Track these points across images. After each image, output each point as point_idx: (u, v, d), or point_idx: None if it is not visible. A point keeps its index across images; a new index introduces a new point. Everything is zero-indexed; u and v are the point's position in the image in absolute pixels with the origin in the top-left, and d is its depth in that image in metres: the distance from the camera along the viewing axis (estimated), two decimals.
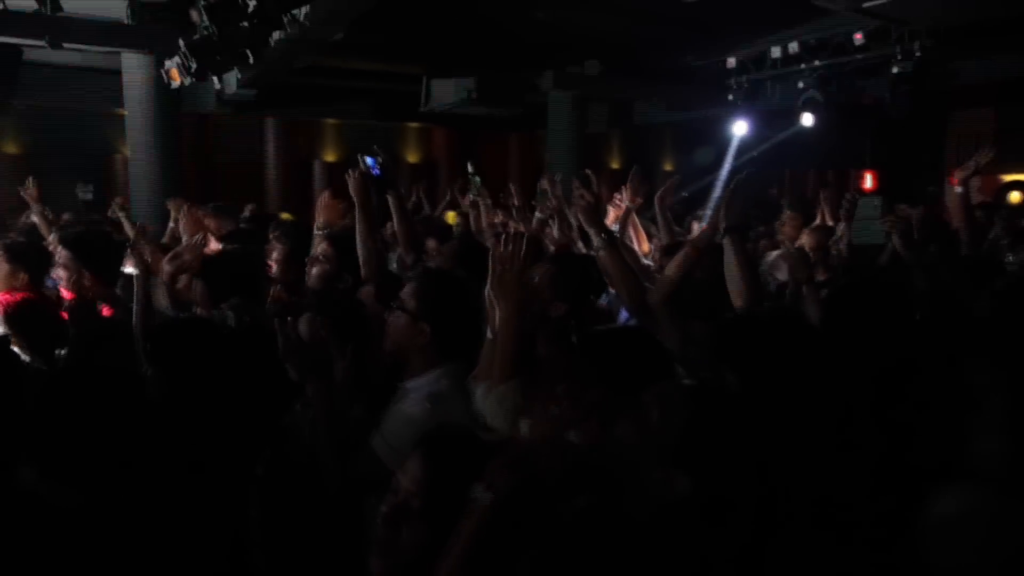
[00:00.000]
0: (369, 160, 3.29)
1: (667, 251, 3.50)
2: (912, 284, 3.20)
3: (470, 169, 5.70)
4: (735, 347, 2.00)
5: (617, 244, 2.59)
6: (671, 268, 2.43)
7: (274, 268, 4.76)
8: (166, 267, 3.37)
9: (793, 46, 8.34)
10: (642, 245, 4.29)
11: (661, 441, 1.25)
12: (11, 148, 9.73)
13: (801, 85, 8.58)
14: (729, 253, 2.44)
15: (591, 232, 2.59)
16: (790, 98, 8.82)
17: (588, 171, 2.62)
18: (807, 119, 8.58)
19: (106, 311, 2.86)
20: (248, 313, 2.51)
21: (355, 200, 3.08)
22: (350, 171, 3.15)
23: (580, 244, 3.71)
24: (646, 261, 3.90)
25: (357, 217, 3.09)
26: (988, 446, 1.50)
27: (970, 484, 1.51)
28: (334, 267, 2.80)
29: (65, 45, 6.94)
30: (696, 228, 5.48)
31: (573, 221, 3.92)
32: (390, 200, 3.46)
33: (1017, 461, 1.47)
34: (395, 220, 3.45)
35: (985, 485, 1.49)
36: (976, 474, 1.51)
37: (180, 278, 3.44)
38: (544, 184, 6.10)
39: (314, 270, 2.81)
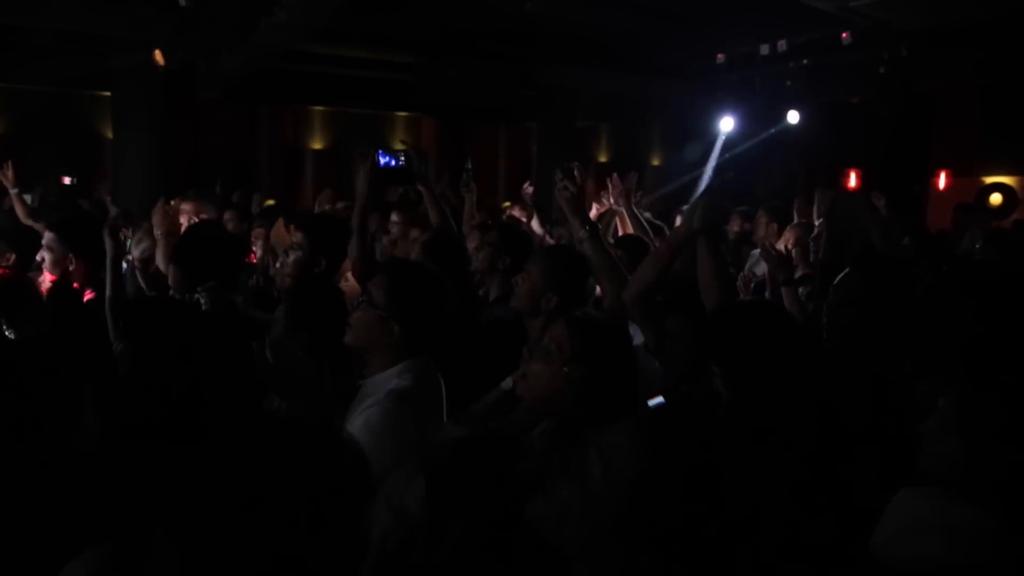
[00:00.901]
0: (379, 153, 3.35)
1: (619, 243, 3.56)
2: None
3: (468, 166, 5.79)
4: (718, 338, 2.03)
5: (600, 235, 2.61)
6: (644, 267, 2.44)
7: (258, 253, 4.78)
8: (135, 251, 3.41)
9: (781, 44, 8.39)
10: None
11: (608, 503, 1.09)
12: None
13: (789, 83, 8.64)
14: (702, 254, 2.45)
15: (574, 223, 2.60)
16: (777, 95, 8.87)
17: (572, 163, 2.62)
18: (793, 116, 8.63)
19: (89, 294, 2.85)
20: (223, 298, 2.51)
21: (357, 191, 3.15)
22: (365, 163, 3.22)
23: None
24: None
25: (355, 208, 3.16)
26: (941, 450, 1.50)
27: (931, 490, 1.51)
28: (307, 253, 2.83)
29: (51, 25, 6.89)
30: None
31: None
32: (423, 192, 3.50)
33: (971, 464, 1.47)
34: (430, 211, 3.48)
35: (945, 491, 1.49)
36: (932, 479, 1.51)
37: (154, 263, 3.46)
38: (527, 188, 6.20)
39: (290, 258, 2.85)
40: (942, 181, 10.20)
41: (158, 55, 5.83)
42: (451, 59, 9.22)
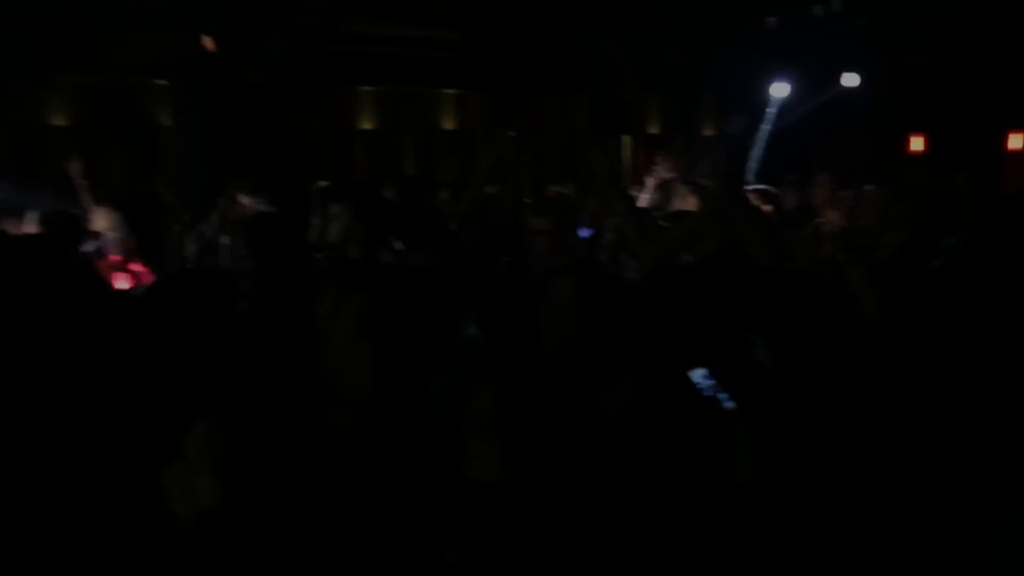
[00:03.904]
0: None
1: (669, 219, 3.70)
2: None
3: (511, 133, 5.80)
4: (765, 306, 1.99)
5: (636, 209, 2.62)
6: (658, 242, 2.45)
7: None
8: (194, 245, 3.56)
9: (837, 3, 8.06)
10: None
11: None
12: (60, 121, 9.98)
13: (846, 45, 8.31)
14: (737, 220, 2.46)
15: (611, 197, 2.62)
16: (834, 58, 8.56)
17: (608, 139, 2.65)
18: (851, 80, 8.32)
19: (140, 272, 3.00)
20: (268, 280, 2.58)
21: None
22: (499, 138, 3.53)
23: None
24: None
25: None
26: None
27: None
28: (348, 221, 3.02)
29: (108, 17, 7.09)
30: None
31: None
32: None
33: None
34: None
35: None
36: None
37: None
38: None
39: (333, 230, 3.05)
40: (1013, 141, 9.73)
41: (207, 41, 5.94)
42: (497, 34, 9.16)
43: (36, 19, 7.00)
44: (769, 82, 8.60)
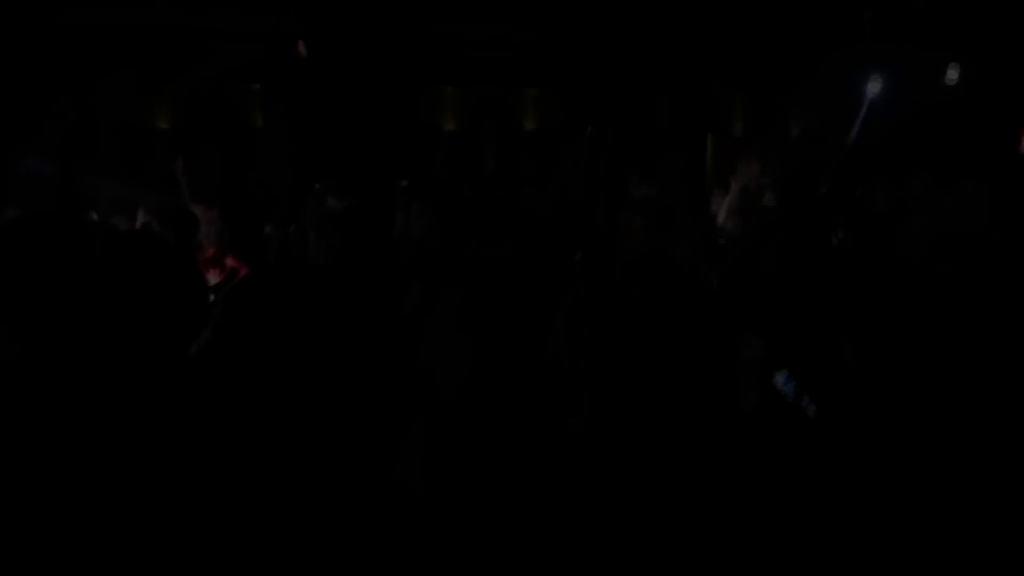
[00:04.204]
0: None
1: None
2: None
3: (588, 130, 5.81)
4: (852, 309, 1.95)
5: (705, 217, 2.61)
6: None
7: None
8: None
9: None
10: None
11: None
12: (164, 124, 10.53)
13: (945, 32, 7.91)
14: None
15: (683, 203, 2.61)
16: (933, 47, 8.14)
17: (686, 142, 2.63)
18: (952, 74, 7.90)
19: (235, 266, 3.18)
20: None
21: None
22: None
23: None
24: None
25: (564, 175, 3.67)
26: None
27: None
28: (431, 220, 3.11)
29: (210, 25, 7.48)
30: None
31: None
32: None
33: None
34: None
35: None
36: None
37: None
38: None
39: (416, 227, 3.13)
40: None
41: (302, 46, 6.18)
42: (577, 33, 9.16)
43: (149, 29, 7.46)
44: (857, 79, 8.27)
